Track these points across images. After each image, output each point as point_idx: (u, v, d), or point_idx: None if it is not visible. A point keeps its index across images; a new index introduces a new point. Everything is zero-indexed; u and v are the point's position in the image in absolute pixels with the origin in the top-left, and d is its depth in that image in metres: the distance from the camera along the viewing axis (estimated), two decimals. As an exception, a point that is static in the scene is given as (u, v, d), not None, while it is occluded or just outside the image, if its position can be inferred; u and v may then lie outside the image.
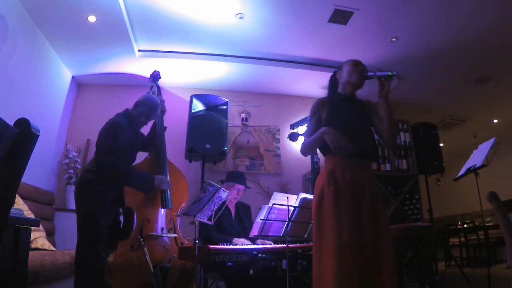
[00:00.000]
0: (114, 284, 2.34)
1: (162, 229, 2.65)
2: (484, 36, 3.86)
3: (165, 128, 3.02)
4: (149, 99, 2.70)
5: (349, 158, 1.74)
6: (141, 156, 2.95)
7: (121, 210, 2.66)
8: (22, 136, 1.01)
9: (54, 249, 3.01)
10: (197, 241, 2.20)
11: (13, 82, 3.10)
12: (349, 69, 1.88)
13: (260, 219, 2.43)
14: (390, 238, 1.67)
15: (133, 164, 2.79)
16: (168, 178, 2.78)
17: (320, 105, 1.86)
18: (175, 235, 2.70)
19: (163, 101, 3.06)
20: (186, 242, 2.75)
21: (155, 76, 3.19)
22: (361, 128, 1.84)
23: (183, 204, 2.84)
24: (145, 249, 2.41)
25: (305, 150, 1.88)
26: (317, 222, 1.69)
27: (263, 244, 2.76)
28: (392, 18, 3.60)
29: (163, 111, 3.03)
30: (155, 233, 2.58)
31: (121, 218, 2.70)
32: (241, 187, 3.09)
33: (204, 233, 2.77)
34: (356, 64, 1.88)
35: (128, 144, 2.52)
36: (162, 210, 2.71)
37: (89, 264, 2.24)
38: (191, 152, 3.77)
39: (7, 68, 2.99)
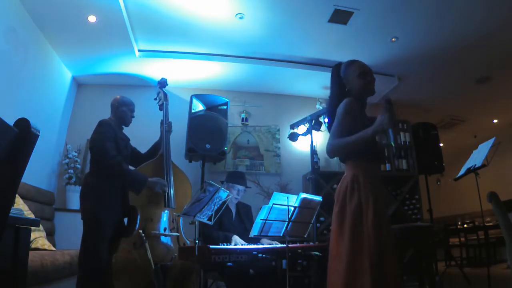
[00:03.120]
0: (116, 281, 2.34)
1: (165, 229, 2.67)
2: (484, 36, 3.86)
3: (170, 123, 3.06)
4: (121, 100, 2.80)
5: (378, 163, 1.83)
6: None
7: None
8: (22, 136, 1.01)
9: (54, 249, 3.01)
10: (197, 241, 2.20)
11: (13, 82, 3.10)
12: (360, 82, 1.81)
13: (260, 219, 2.43)
14: None
15: (139, 166, 2.82)
16: (172, 179, 2.80)
17: (354, 105, 1.74)
18: (177, 234, 2.72)
19: (167, 103, 3.13)
20: (188, 243, 2.76)
21: (162, 83, 3.28)
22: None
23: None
24: (147, 244, 2.42)
25: (348, 149, 1.69)
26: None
27: (268, 244, 2.76)
28: (392, 18, 3.60)
29: (165, 106, 3.12)
30: (157, 232, 2.60)
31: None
32: (241, 188, 3.10)
33: (204, 232, 2.77)
34: (365, 74, 1.82)
35: (117, 137, 2.61)
36: (165, 209, 2.73)
37: (93, 263, 2.28)
38: (191, 152, 3.77)
39: (7, 68, 2.99)
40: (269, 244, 2.75)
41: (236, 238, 2.75)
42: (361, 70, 1.83)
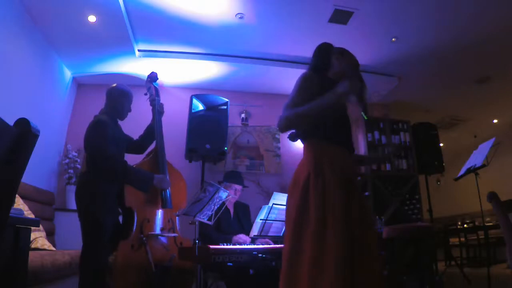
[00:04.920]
0: (116, 284, 2.34)
1: (162, 229, 2.66)
2: (484, 36, 3.86)
3: (162, 111, 3.01)
4: (120, 90, 2.70)
5: (337, 145, 1.55)
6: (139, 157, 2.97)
7: (120, 210, 2.67)
8: (22, 136, 1.01)
9: (54, 249, 3.01)
10: (197, 241, 2.20)
11: (13, 82, 3.10)
12: (346, 71, 1.70)
13: (260, 219, 2.44)
14: (376, 238, 1.53)
15: (133, 164, 2.81)
16: (168, 178, 2.78)
17: (310, 81, 1.59)
18: (175, 234, 2.71)
19: (162, 104, 3.05)
20: (186, 242, 2.76)
21: (153, 77, 3.11)
22: (346, 117, 1.71)
23: (181, 204, 2.85)
24: (148, 248, 2.42)
25: (300, 120, 1.49)
26: (300, 220, 1.41)
27: (263, 244, 2.76)
28: (392, 18, 3.60)
29: (161, 113, 3.03)
30: (155, 233, 2.59)
31: (120, 218, 2.70)
32: (239, 187, 3.10)
33: (203, 233, 2.77)
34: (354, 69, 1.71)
35: (115, 137, 2.56)
36: (162, 209, 2.72)
37: (94, 264, 2.26)
38: (191, 152, 3.77)
39: (7, 68, 2.99)
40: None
41: (238, 238, 2.74)
42: (351, 63, 1.73)
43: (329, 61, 1.74)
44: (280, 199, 2.40)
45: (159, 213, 2.71)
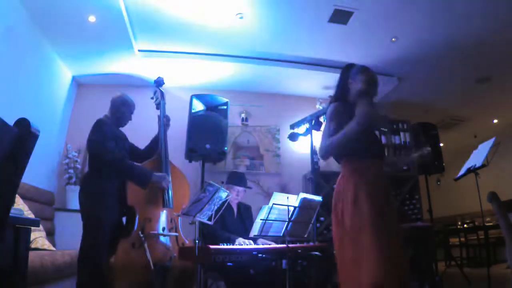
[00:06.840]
0: (116, 282, 2.34)
1: (163, 229, 2.67)
2: (484, 36, 3.86)
3: (168, 118, 3.07)
4: (123, 99, 2.80)
5: (381, 161, 1.83)
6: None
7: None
8: (22, 136, 1.01)
9: (54, 249, 3.01)
10: (197, 241, 2.20)
11: (13, 82, 3.10)
12: (366, 86, 1.81)
13: (260, 219, 2.43)
14: None
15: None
16: (170, 179, 2.80)
17: (338, 112, 1.79)
18: (176, 234, 2.72)
19: (168, 116, 3.10)
20: (187, 242, 2.76)
21: (159, 82, 3.22)
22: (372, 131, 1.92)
23: (184, 205, 2.86)
24: (146, 245, 2.42)
25: (339, 146, 1.72)
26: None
27: (264, 244, 2.76)
28: (392, 18, 3.60)
29: (167, 124, 3.08)
30: (156, 232, 2.60)
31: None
32: (241, 188, 3.10)
33: (208, 231, 2.77)
34: (370, 86, 1.81)
35: (115, 136, 2.62)
36: (164, 210, 2.73)
37: (93, 262, 2.28)
38: (191, 152, 3.77)
39: (7, 68, 2.99)
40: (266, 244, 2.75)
41: (240, 240, 2.75)
42: (370, 82, 1.83)
43: (346, 87, 1.87)
44: (280, 199, 2.40)
45: (161, 212, 2.72)
